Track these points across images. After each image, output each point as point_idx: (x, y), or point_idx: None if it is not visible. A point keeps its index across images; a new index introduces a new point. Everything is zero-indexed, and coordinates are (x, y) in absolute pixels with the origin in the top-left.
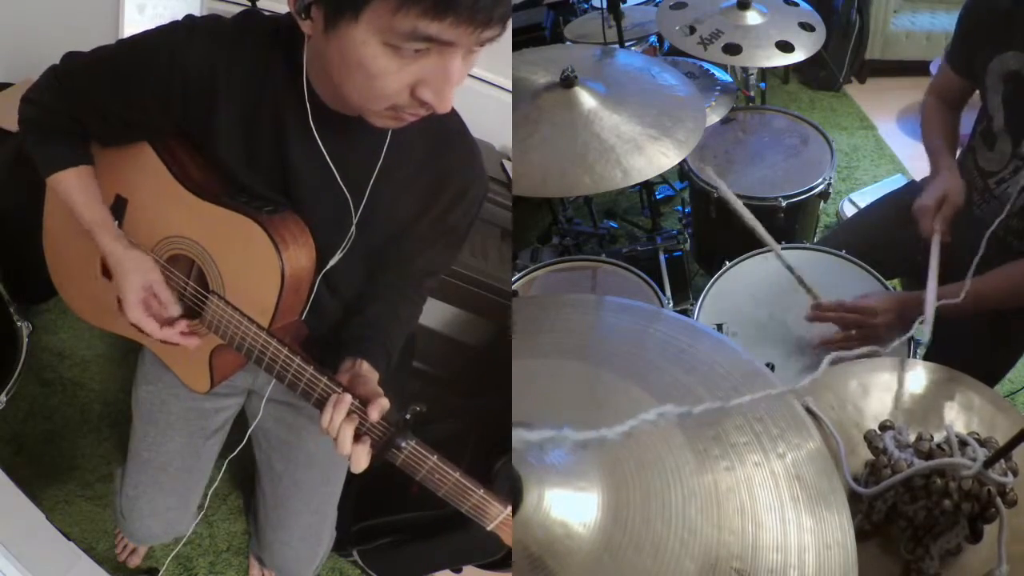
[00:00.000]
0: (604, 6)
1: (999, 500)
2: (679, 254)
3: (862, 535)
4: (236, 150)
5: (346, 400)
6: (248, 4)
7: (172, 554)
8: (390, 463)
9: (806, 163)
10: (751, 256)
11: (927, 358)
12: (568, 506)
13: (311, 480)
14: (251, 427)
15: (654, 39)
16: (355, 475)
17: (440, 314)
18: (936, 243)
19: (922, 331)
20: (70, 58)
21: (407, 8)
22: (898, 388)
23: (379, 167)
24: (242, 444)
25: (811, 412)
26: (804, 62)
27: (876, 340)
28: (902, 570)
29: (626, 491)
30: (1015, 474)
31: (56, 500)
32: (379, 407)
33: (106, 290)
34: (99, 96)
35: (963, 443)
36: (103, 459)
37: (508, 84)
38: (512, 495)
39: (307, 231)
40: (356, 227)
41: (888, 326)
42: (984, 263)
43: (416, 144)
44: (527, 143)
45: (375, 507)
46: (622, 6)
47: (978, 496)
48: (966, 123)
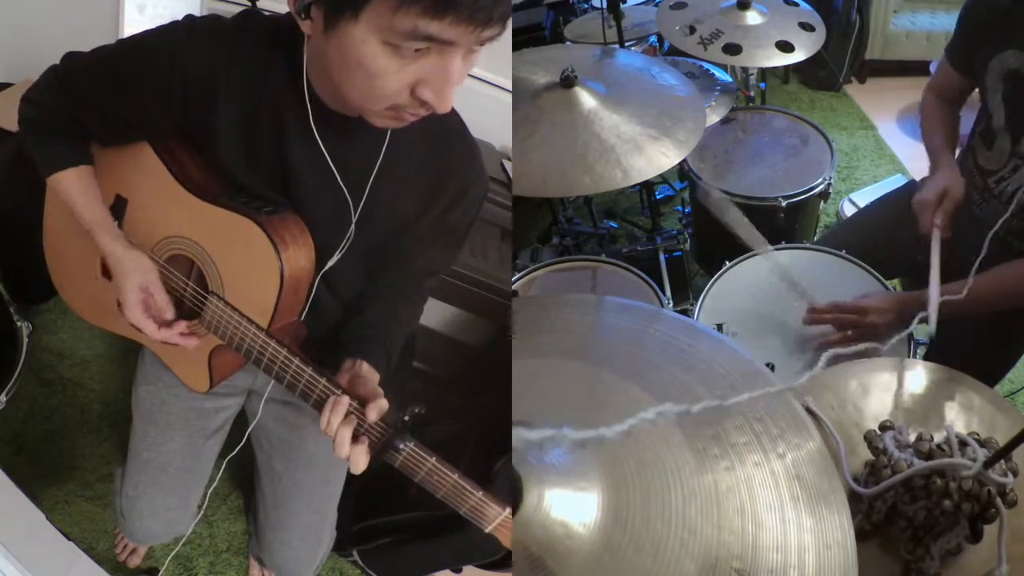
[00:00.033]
0: (604, 6)
1: (999, 500)
2: (679, 254)
3: (862, 535)
4: (236, 150)
5: (343, 403)
6: (248, 4)
7: (172, 554)
8: (389, 464)
9: (806, 163)
10: (751, 256)
11: (927, 358)
12: (568, 506)
13: (311, 480)
14: (250, 427)
15: (654, 39)
16: (355, 475)
17: (440, 314)
18: (936, 238)
19: (922, 330)
20: (70, 58)
21: (407, 7)
22: (898, 388)
23: (378, 166)
24: (241, 444)
25: (811, 412)
26: (804, 62)
27: (874, 338)
28: (902, 570)
29: (626, 491)
30: (1015, 474)
31: (56, 500)
32: (377, 408)
33: (106, 290)
34: (99, 96)
35: (963, 443)
36: (103, 459)
37: (508, 84)
38: (512, 495)
39: (306, 231)
40: (355, 227)
41: (886, 324)
42: (984, 263)
43: (416, 144)
44: (527, 143)
45: (375, 507)
46: (622, 6)
47: (978, 496)
48: (966, 123)
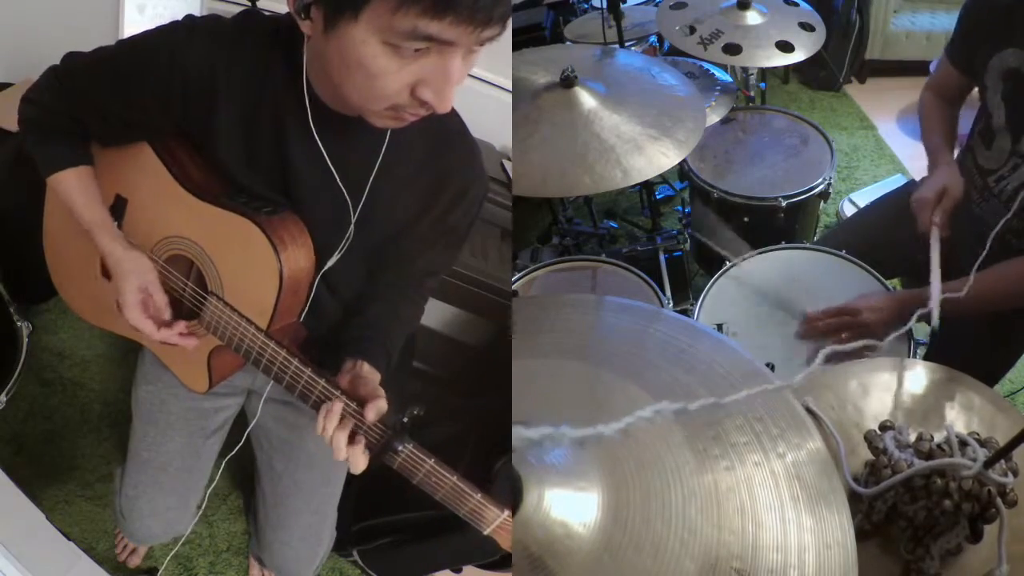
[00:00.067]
0: (604, 6)
1: (999, 500)
2: (679, 254)
3: (862, 535)
4: (236, 150)
5: (336, 409)
6: (248, 4)
7: (171, 554)
8: (388, 465)
9: (806, 163)
10: (751, 256)
11: (927, 358)
12: (568, 506)
13: (311, 480)
14: (250, 426)
15: (654, 39)
16: (355, 475)
17: (440, 314)
18: (935, 236)
19: (922, 329)
20: (70, 58)
21: (407, 7)
22: (898, 388)
23: (378, 166)
24: (240, 444)
25: (811, 412)
26: (804, 62)
27: (870, 337)
28: (902, 570)
29: (626, 491)
30: (1015, 474)
31: (56, 500)
32: (376, 408)
33: (106, 290)
34: (99, 96)
35: (963, 443)
36: (103, 459)
37: (508, 84)
38: (512, 495)
39: (306, 232)
40: (355, 227)
41: (881, 322)
42: (985, 262)
43: (416, 144)
44: (527, 143)
45: (375, 507)
46: (622, 6)
47: (978, 496)
48: (965, 123)
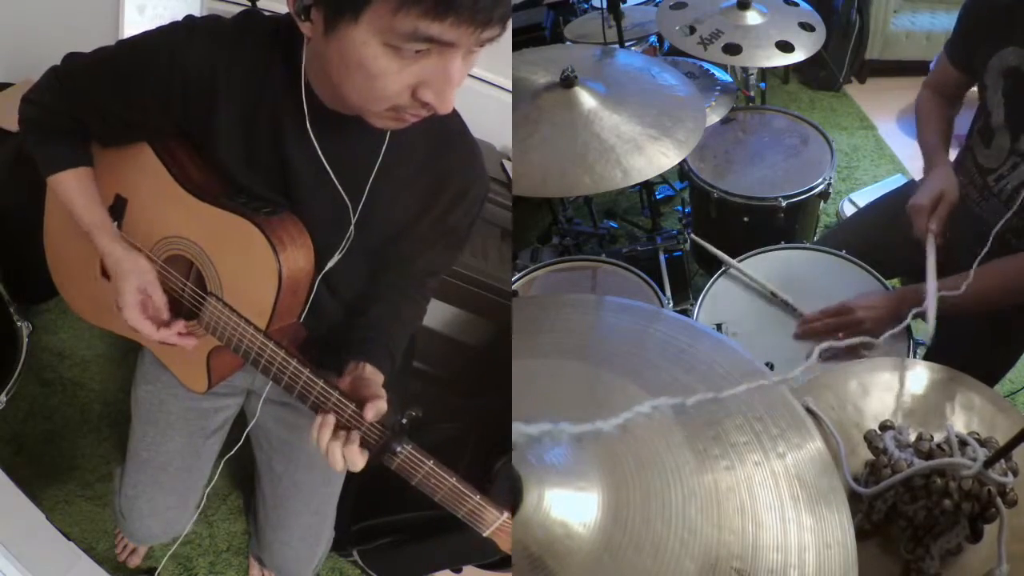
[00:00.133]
0: (604, 6)
1: (999, 500)
2: (679, 254)
3: (862, 535)
4: (235, 150)
5: (330, 420)
6: (248, 4)
7: (169, 553)
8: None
9: (806, 163)
10: (751, 256)
11: (927, 358)
12: (568, 506)
13: (311, 481)
14: (248, 427)
15: (654, 39)
16: (354, 475)
17: (440, 314)
18: (931, 243)
19: (922, 329)
20: (71, 59)
21: (407, 9)
22: (898, 388)
23: (378, 167)
24: (239, 444)
25: (811, 412)
26: (804, 62)
27: (866, 335)
28: (902, 570)
29: (626, 491)
30: (1015, 474)
31: (56, 500)
32: (375, 408)
33: (106, 290)
34: (99, 96)
35: (963, 443)
36: (103, 459)
37: (508, 84)
38: (512, 495)
39: (305, 232)
40: (355, 227)
41: (876, 320)
42: (984, 261)
43: (416, 144)
44: (527, 143)
45: (375, 507)
46: (622, 6)
47: (978, 496)
48: (964, 123)
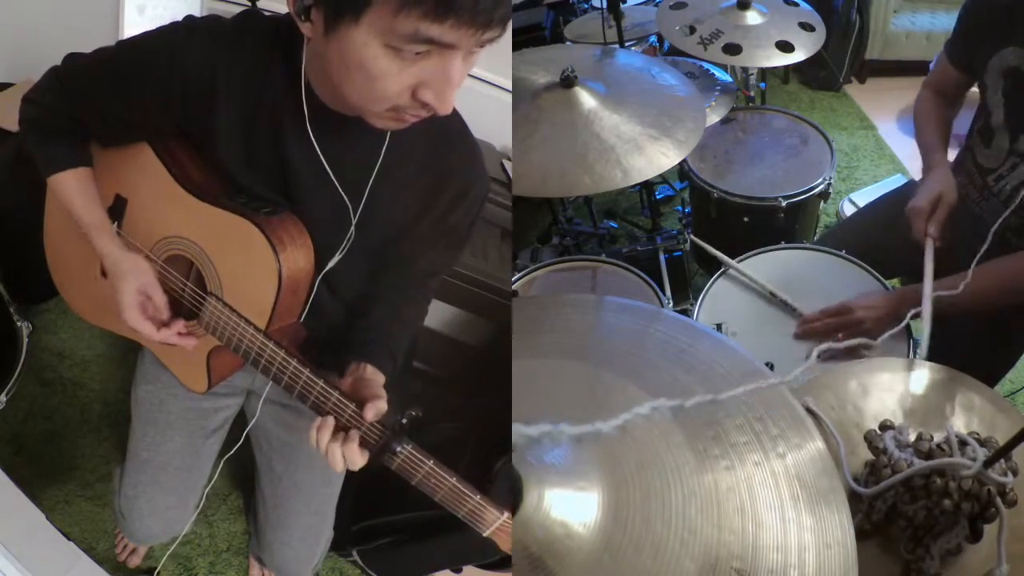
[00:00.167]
0: (604, 6)
1: (999, 500)
2: (679, 254)
3: (862, 535)
4: (235, 150)
5: (329, 422)
6: (248, 4)
7: (168, 552)
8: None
9: (806, 163)
10: (751, 256)
11: (927, 358)
12: (568, 506)
13: (311, 481)
14: (248, 427)
15: (654, 39)
16: (354, 475)
17: (440, 314)
18: (930, 246)
19: (919, 328)
20: (71, 59)
21: (408, 10)
22: (898, 388)
23: (378, 167)
24: (238, 444)
25: (811, 412)
26: (804, 62)
27: (864, 335)
28: (902, 570)
29: (626, 491)
30: (1015, 474)
31: (56, 500)
32: (375, 408)
33: (106, 290)
34: (100, 97)
35: (963, 443)
36: (103, 459)
37: (508, 84)
38: (512, 495)
39: (305, 232)
40: (355, 228)
41: (875, 320)
42: (984, 260)
43: (417, 145)
44: (527, 143)
45: (375, 507)
46: (622, 6)
47: (978, 496)
48: (964, 123)
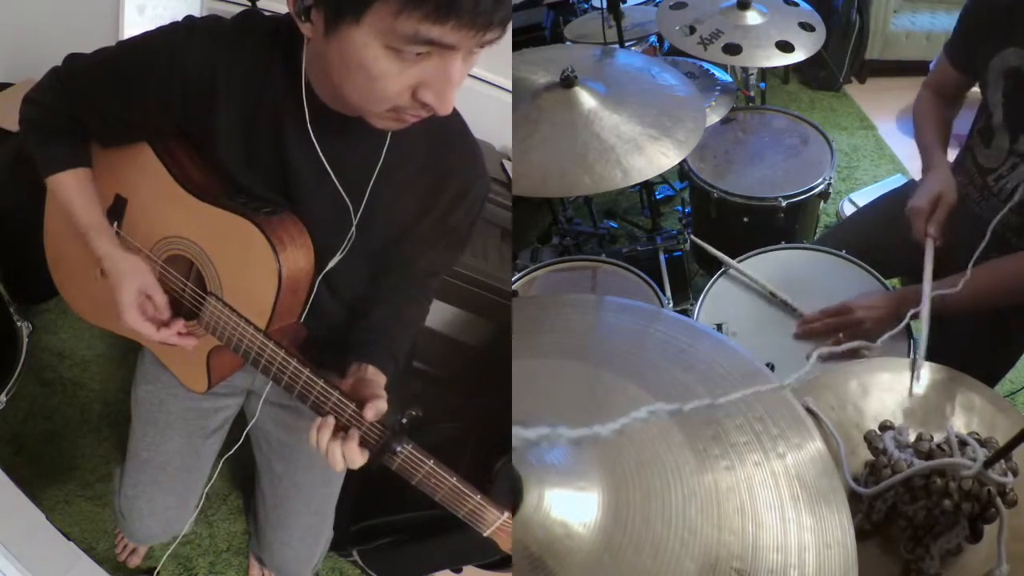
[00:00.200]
0: (604, 6)
1: (999, 500)
2: (679, 254)
3: (862, 535)
4: (236, 150)
5: (329, 422)
6: (248, 4)
7: (168, 552)
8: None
9: (806, 163)
10: (751, 256)
11: (927, 358)
12: (568, 506)
13: (311, 482)
14: (248, 427)
15: (654, 39)
16: (354, 475)
17: (440, 314)
18: (930, 246)
19: (919, 328)
20: (72, 59)
21: (409, 11)
22: (898, 388)
23: (379, 168)
24: (238, 444)
25: (811, 412)
26: (804, 62)
27: (863, 336)
28: (902, 570)
29: (626, 491)
30: (1015, 474)
31: (56, 500)
32: (375, 408)
33: (106, 290)
34: (100, 97)
35: (963, 443)
36: (103, 459)
37: (508, 84)
38: (512, 495)
39: (305, 233)
40: (356, 228)
41: (875, 320)
42: (983, 259)
43: (417, 145)
44: (527, 143)
45: (375, 507)
46: (622, 6)
47: (978, 496)
48: (965, 123)
